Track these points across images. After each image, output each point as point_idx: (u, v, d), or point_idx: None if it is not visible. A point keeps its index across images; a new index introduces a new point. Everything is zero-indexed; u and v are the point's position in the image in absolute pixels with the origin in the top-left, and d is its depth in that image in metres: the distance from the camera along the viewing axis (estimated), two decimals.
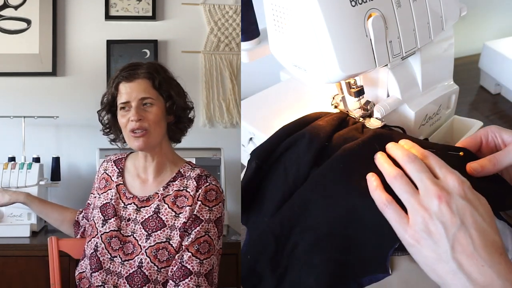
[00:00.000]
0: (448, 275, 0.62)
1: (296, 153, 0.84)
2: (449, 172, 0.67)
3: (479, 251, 0.61)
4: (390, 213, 0.68)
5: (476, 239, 0.61)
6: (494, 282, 0.59)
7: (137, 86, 1.19)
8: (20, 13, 2.11)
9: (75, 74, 2.15)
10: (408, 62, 1.01)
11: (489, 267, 0.60)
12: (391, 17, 0.83)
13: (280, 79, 1.33)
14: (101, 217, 1.22)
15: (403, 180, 0.68)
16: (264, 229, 0.83)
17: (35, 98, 2.12)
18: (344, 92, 0.95)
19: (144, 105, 1.19)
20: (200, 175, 1.22)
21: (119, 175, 1.28)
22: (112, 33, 2.16)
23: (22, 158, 1.94)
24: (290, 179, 0.83)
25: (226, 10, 2.21)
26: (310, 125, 0.88)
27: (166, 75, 1.26)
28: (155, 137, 1.20)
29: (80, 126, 2.11)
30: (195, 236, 1.15)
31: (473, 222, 0.62)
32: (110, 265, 1.16)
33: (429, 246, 0.64)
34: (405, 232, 0.66)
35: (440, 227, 0.63)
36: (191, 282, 1.11)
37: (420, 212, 0.65)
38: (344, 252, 0.75)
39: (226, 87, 2.21)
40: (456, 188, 0.65)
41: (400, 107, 1.00)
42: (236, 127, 2.21)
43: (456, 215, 0.63)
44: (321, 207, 0.77)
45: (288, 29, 0.87)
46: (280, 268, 0.79)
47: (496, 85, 1.61)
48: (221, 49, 2.21)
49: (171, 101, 1.23)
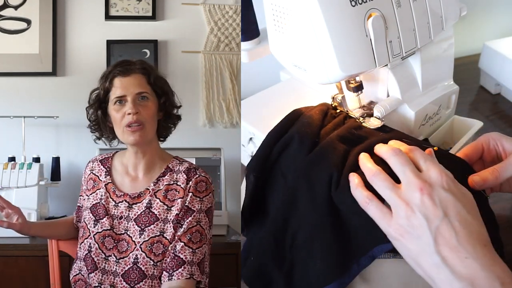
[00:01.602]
0: (432, 268, 0.62)
1: (290, 155, 0.84)
2: (432, 164, 0.67)
3: (462, 243, 0.60)
4: (373, 209, 0.68)
5: (459, 231, 0.61)
6: (478, 274, 0.58)
7: (133, 81, 1.21)
8: (20, 13, 2.11)
9: (75, 74, 2.15)
10: (408, 62, 1.00)
11: (473, 259, 0.59)
12: (391, 17, 0.83)
13: (280, 79, 1.33)
14: (92, 218, 1.22)
15: (382, 176, 0.68)
16: (264, 232, 0.83)
17: (35, 98, 2.12)
18: (344, 92, 0.95)
19: (139, 100, 1.20)
20: (189, 168, 1.24)
21: (106, 174, 1.28)
22: (112, 33, 2.16)
23: (22, 158, 1.94)
24: (289, 183, 0.83)
25: (226, 10, 2.21)
26: (295, 124, 0.88)
27: (157, 73, 1.29)
28: (150, 132, 1.22)
29: (80, 126, 2.10)
30: (187, 226, 1.17)
31: (456, 214, 0.62)
32: (105, 265, 1.16)
33: (413, 240, 0.63)
34: (389, 227, 0.66)
35: (422, 220, 0.62)
36: (185, 271, 1.13)
37: (402, 206, 0.64)
38: (341, 234, 0.75)
39: (226, 87, 2.21)
40: (439, 180, 0.64)
41: (400, 107, 1.00)
42: (236, 127, 2.21)
43: (438, 207, 0.62)
44: (306, 198, 0.79)
45: (288, 29, 0.87)
46: (286, 263, 0.80)
47: (496, 85, 1.61)
48: (221, 49, 2.21)
49: (165, 97, 1.26)
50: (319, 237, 0.77)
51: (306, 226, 0.79)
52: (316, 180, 0.78)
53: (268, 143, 0.87)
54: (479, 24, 1.83)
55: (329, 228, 0.76)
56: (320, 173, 0.78)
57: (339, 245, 0.75)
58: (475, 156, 0.81)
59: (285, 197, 0.82)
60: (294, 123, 0.88)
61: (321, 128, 0.86)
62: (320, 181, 0.77)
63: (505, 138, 0.79)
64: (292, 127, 0.87)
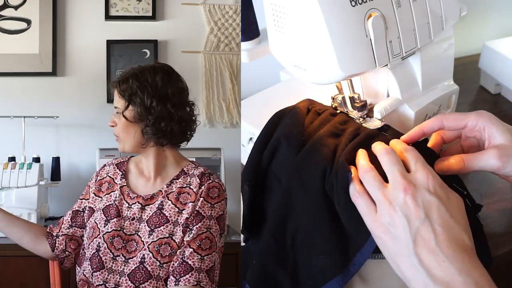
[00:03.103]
0: (409, 269, 0.61)
1: (281, 158, 0.85)
2: (421, 166, 0.66)
3: (441, 247, 0.60)
4: (360, 203, 0.68)
5: (439, 235, 0.60)
6: (454, 278, 0.58)
7: (116, 93, 1.25)
8: (20, 13, 2.11)
9: (75, 74, 2.15)
10: (408, 62, 1.00)
11: (450, 263, 0.58)
12: (391, 17, 0.83)
13: (280, 79, 1.33)
14: (104, 218, 1.22)
15: (372, 174, 0.68)
16: (264, 236, 0.84)
17: (35, 98, 2.12)
18: (344, 92, 0.95)
19: (116, 113, 1.25)
20: (203, 173, 1.24)
21: (122, 177, 1.28)
22: (112, 33, 2.16)
23: (22, 158, 1.94)
24: (283, 185, 0.83)
25: (226, 10, 2.21)
26: (279, 126, 0.88)
27: (130, 84, 1.22)
28: (127, 142, 1.24)
29: (80, 126, 2.11)
30: (196, 232, 1.16)
31: (438, 217, 0.61)
32: (113, 264, 1.16)
33: (393, 239, 0.63)
34: (372, 223, 0.66)
35: (403, 220, 0.62)
36: (192, 278, 1.12)
37: (386, 205, 0.64)
38: (339, 226, 0.76)
39: (226, 87, 2.21)
40: (424, 182, 0.64)
41: (400, 107, 1.00)
42: (236, 127, 2.21)
43: (421, 209, 0.62)
44: (300, 196, 0.79)
45: (288, 29, 0.87)
46: (290, 263, 0.80)
47: (496, 85, 1.61)
48: (221, 49, 2.21)
49: (133, 105, 1.21)
50: (319, 232, 0.77)
51: (304, 224, 0.79)
52: (308, 177, 0.79)
53: (257, 150, 0.87)
54: (479, 24, 1.83)
55: (327, 222, 0.76)
56: (312, 169, 0.78)
57: (340, 237, 0.76)
58: (454, 129, 0.77)
59: (280, 198, 0.82)
60: (278, 126, 0.89)
61: (306, 126, 0.87)
62: (313, 177, 0.78)
63: (496, 126, 0.73)
64: (277, 130, 0.88)
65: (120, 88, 1.23)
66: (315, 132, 0.84)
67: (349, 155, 0.75)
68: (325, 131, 0.84)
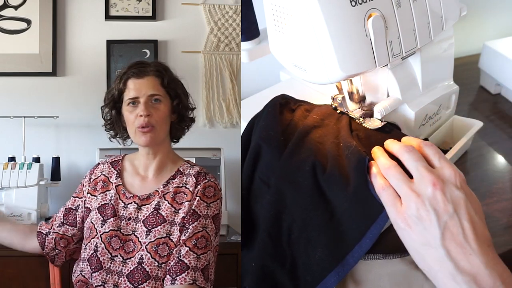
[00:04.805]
0: (436, 261, 0.63)
1: (264, 162, 0.86)
2: (447, 162, 0.69)
3: (468, 241, 0.62)
4: (386, 196, 0.70)
5: (466, 229, 0.63)
6: (481, 271, 0.60)
7: (147, 83, 1.23)
8: (20, 13, 2.11)
9: (75, 74, 2.15)
10: (408, 62, 1.01)
11: (477, 256, 0.61)
12: (391, 17, 0.83)
13: (280, 79, 1.33)
14: (100, 218, 1.22)
15: (397, 169, 0.70)
16: (258, 236, 0.84)
17: (35, 98, 2.12)
18: (344, 92, 0.95)
19: (152, 102, 1.22)
20: (199, 172, 1.24)
21: (117, 176, 1.28)
22: (112, 33, 2.16)
23: (22, 158, 1.94)
24: (272, 186, 0.84)
25: (226, 10, 2.21)
26: (254, 131, 0.89)
27: (172, 75, 1.30)
28: (161, 134, 1.23)
29: (80, 126, 2.11)
30: (192, 231, 1.16)
31: (465, 213, 0.64)
32: (111, 265, 1.16)
33: (419, 231, 0.65)
34: (397, 215, 0.67)
35: (432, 213, 0.64)
36: (188, 276, 1.12)
37: (413, 198, 0.66)
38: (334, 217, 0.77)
39: (226, 87, 2.21)
40: (452, 178, 0.67)
41: (400, 107, 1.00)
42: (236, 127, 2.21)
43: (449, 203, 0.64)
44: (292, 191, 0.80)
45: (288, 29, 0.87)
46: (287, 260, 0.80)
47: (496, 85, 1.61)
48: (221, 49, 2.21)
49: (178, 99, 1.27)
50: (314, 224, 0.78)
51: (298, 218, 0.79)
52: (297, 174, 0.80)
53: (247, 158, 0.89)
54: (479, 24, 1.83)
55: (320, 215, 0.77)
56: (300, 166, 0.80)
57: (334, 230, 0.76)
58: None
59: (272, 198, 0.83)
60: (252, 130, 0.90)
61: (283, 126, 0.87)
62: (302, 173, 0.79)
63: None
64: (254, 135, 0.88)
65: (167, 75, 1.26)
66: (294, 129, 0.85)
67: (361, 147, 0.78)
68: (305, 126, 0.85)
